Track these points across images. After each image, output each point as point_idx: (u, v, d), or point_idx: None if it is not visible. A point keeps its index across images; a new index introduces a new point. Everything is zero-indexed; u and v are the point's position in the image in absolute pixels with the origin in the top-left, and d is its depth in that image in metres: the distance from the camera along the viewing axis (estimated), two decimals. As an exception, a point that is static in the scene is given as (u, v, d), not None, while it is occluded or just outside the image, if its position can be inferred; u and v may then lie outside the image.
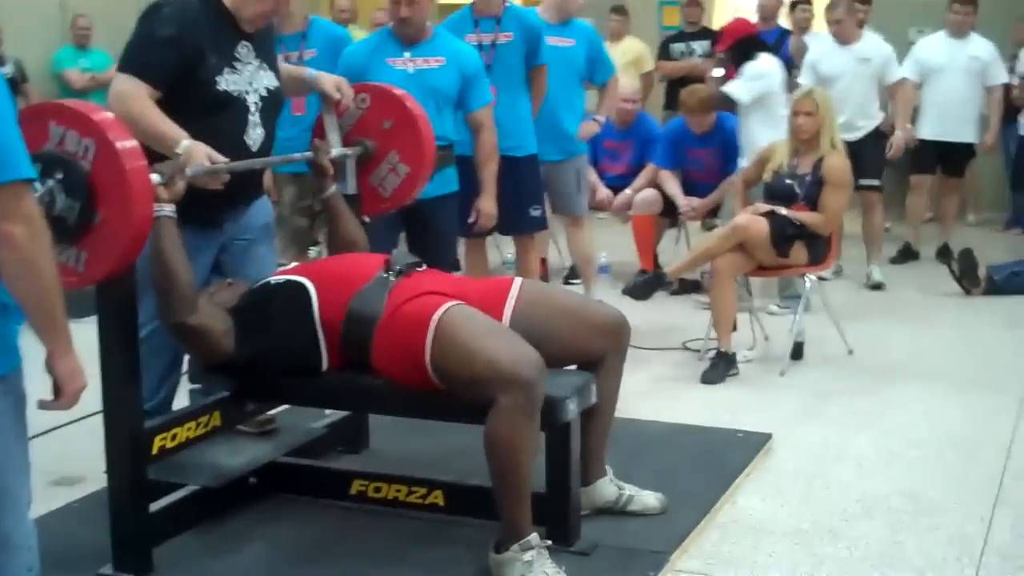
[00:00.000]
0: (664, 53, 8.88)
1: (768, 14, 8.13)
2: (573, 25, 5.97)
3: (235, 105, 3.57)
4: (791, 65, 7.69)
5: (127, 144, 2.89)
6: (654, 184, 6.83)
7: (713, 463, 4.13)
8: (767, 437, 4.39)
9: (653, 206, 6.75)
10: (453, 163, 4.82)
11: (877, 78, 7.21)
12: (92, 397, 2.63)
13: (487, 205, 4.93)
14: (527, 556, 3.13)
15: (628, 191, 6.87)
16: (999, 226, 9.07)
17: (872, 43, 7.22)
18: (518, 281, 3.54)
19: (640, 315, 6.16)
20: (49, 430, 4.40)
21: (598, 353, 3.50)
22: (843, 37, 7.10)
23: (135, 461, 3.23)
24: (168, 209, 3.21)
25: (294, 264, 3.73)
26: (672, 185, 6.64)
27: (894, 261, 7.89)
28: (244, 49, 3.62)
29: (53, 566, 2.89)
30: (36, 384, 2.38)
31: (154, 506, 3.37)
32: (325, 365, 3.39)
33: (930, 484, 4.02)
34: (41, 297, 2.25)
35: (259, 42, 3.69)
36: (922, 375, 5.35)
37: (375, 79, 4.41)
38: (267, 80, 3.70)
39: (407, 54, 4.65)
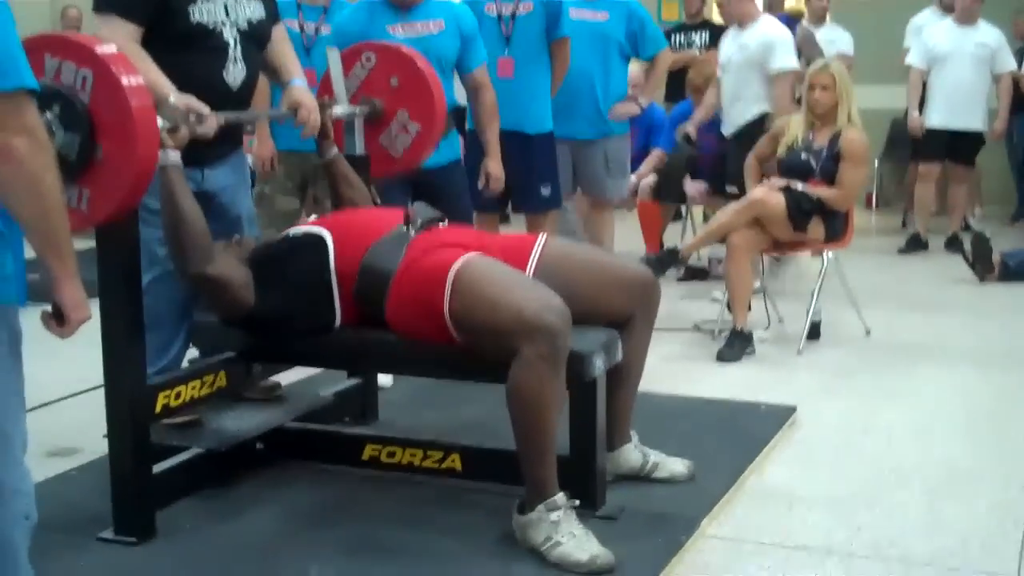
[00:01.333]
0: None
1: (773, 3, 7.98)
2: None
3: (211, 39, 3.35)
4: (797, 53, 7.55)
5: (132, 80, 2.73)
6: (659, 169, 6.68)
7: (737, 435, 3.97)
8: (791, 410, 4.22)
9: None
10: (455, 128, 4.64)
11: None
12: (86, 372, 2.45)
13: (493, 167, 4.72)
14: (554, 516, 2.96)
15: (633, 177, 6.69)
16: (1006, 220, 8.94)
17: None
18: (543, 236, 3.38)
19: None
20: (43, 404, 4.26)
21: (626, 312, 3.34)
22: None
23: (137, 419, 3.05)
24: (175, 156, 3.07)
25: (314, 217, 3.55)
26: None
27: (902, 251, 7.76)
28: None
29: (50, 531, 2.74)
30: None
31: (157, 468, 3.19)
32: (338, 320, 3.24)
33: (965, 454, 3.87)
34: (45, 218, 2.10)
35: None
36: (944, 354, 5.20)
37: None
38: (250, 10, 3.47)
39: (404, 19, 4.43)
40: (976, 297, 6.47)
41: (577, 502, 3.01)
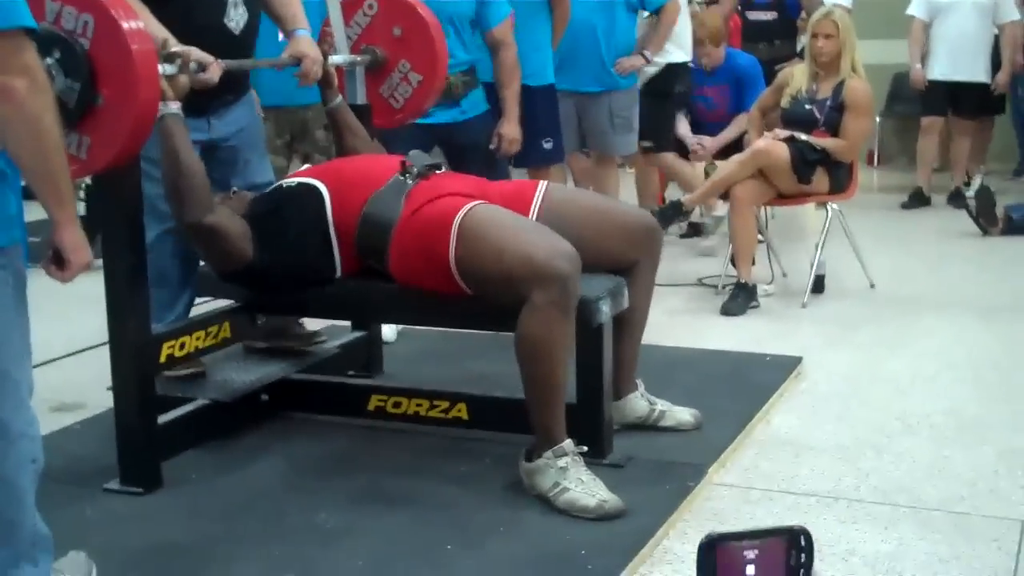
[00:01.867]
0: None
1: None
2: None
3: None
4: (798, 7, 7.52)
5: (132, 24, 2.69)
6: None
7: (744, 384, 3.96)
8: (797, 360, 4.21)
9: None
10: (479, 85, 4.59)
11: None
12: (88, 332, 2.42)
13: (509, 129, 4.60)
14: (561, 463, 2.95)
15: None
16: (1008, 174, 8.88)
17: None
18: (543, 183, 3.35)
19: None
20: (48, 361, 4.25)
21: (629, 258, 3.31)
22: None
23: (142, 369, 3.03)
24: (175, 106, 3.04)
25: (307, 166, 3.52)
26: (680, 124, 6.41)
27: (905, 206, 7.71)
28: None
29: (56, 482, 2.75)
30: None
31: (162, 419, 3.18)
32: (339, 271, 3.21)
33: (972, 402, 3.86)
34: (45, 160, 2.08)
35: None
36: (949, 305, 5.17)
37: None
38: None
39: None
40: (980, 250, 6.44)
41: (585, 448, 3.00)
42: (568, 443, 2.97)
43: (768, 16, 7.50)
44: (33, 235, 2.25)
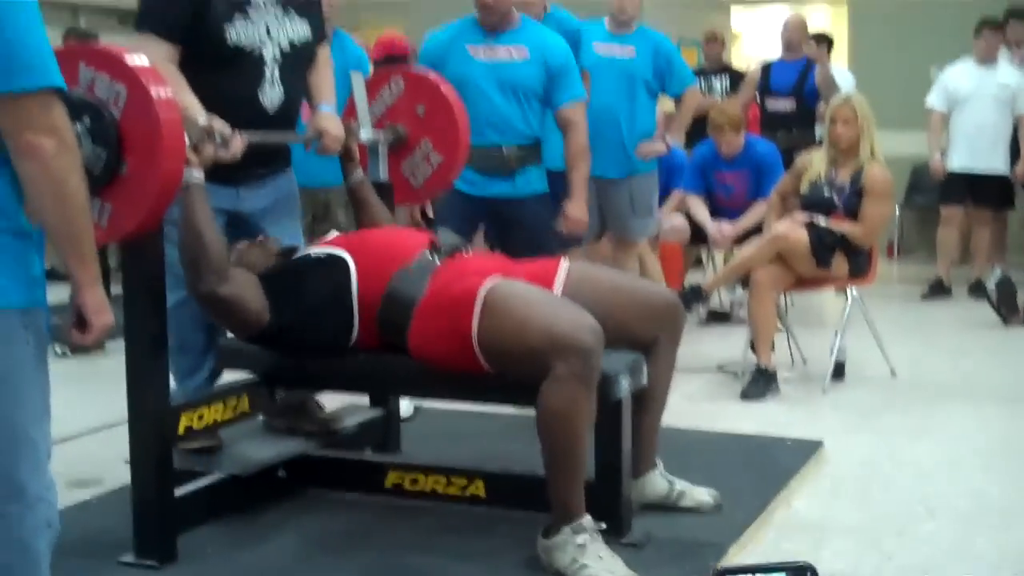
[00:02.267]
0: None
1: (792, 45, 7.98)
2: (638, 34, 5.73)
3: (247, 60, 3.32)
4: (816, 95, 7.59)
5: (162, 93, 2.73)
6: (681, 211, 6.65)
7: (764, 467, 3.93)
8: (818, 444, 4.18)
9: (681, 234, 6.56)
10: (539, 163, 4.53)
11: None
12: (109, 411, 2.43)
13: (574, 210, 4.49)
14: (580, 539, 2.92)
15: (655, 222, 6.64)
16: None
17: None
18: (565, 261, 3.37)
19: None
20: (68, 438, 4.25)
21: (651, 336, 3.30)
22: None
23: (160, 438, 3.02)
24: (198, 175, 3.07)
25: (333, 234, 3.53)
26: (700, 210, 6.44)
27: (925, 297, 7.68)
28: None
29: (70, 556, 2.72)
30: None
31: (179, 492, 3.16)
32: (353, 341, 3.21)
33: (995, 487, 3.83)
34: (69, 220, 2.09)
35: None
36: (971, 394, 5.14)
37: (452, 68, 4.26)
38: (292, 31, 3.43)
39: (488, 42, 4.38)
40: (1002, 340, 6.40)
41: (603, 525, 2.97)
42: (587, 519, 2.95)
43: (787, 104, 7.56)
44: (54, 314, 2.25)
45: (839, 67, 8.57)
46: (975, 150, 7.53)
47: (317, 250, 3.32)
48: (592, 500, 3.02)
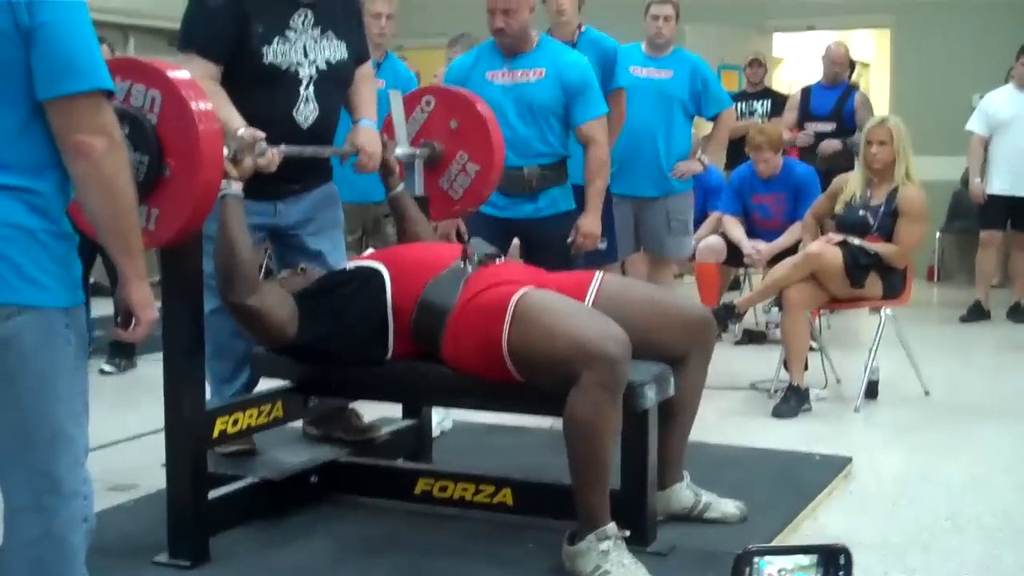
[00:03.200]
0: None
1: (836, 69, 8.02)
2: (675, 56, 5.86)
3: (283, 78, 3.42)
4: (854, 120, 7.64)
5: (195, 94, 2.82)
6: (718, 231, 6.69)
7: (792, 482, 3.94)
8: (847, 460, 4.19)
9: (717, 253, 6.59)
10: (564, 181, 4.57)
11: None
12: (147, 419, 2.49)
13: (587, 223, 4.49)
14: (603, 546, 2.96)
15: (692, 240, 6.70)
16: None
17: None
18: (600, 273, 3.42)
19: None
20: (106, 444, 4.34)
21: (682, 349, 3.34)
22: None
23: (195, 442, 3.10)
24: (236, 187, 3.15)
25: (370, 251, 3.61)
26: (736, 230, 6.47)
27: (964, 320, 7.66)
28: (301, 17, 3.47)
29: (106, 556, 2.79)
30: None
31: (213, 494, 3.23)
32: (390, 354, 3.28)
33: (1023, 504, 3.81)
34: (118, 218, 2.18)
35: (327, 11, 3.53)
36: (1005, 414, 5.13)
37: (472, 92, 4.33)
38: (330, 52, 3.53)
39: (507, 66, 4.45)
40: (1039, 362, 6.39)
41: (627, 532, 3.01)
42: (611, 526, 2.99)
43: (827, 127, 7.62)
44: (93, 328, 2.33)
45: None
46: (1016, 174, 7.53)
47: (352, 264, 3.40)
48: (617, 509, 3.06)
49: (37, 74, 2.08)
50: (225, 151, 3.01)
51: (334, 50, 3.56)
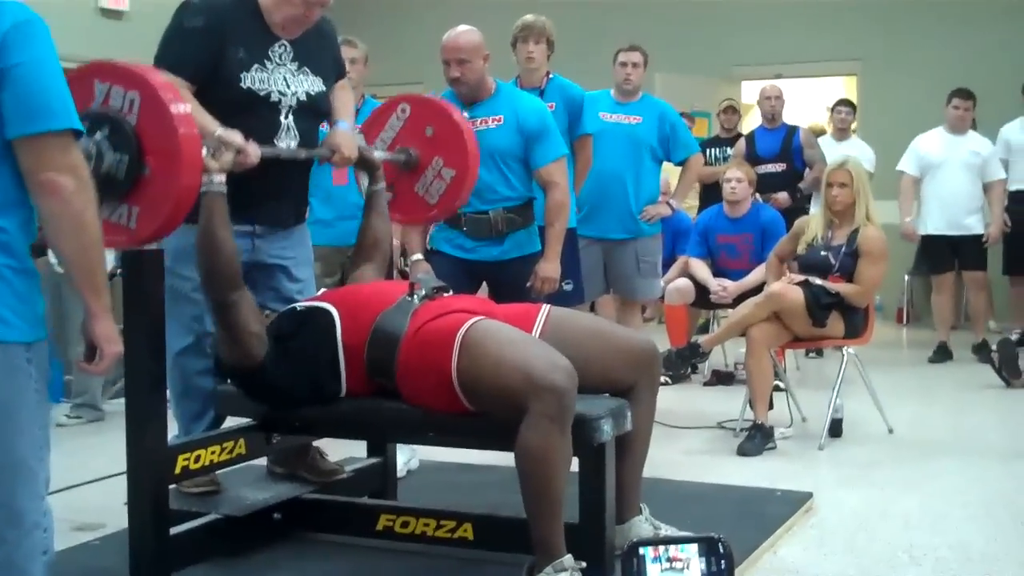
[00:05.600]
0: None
1: (771, 104, 8.16)
2: (643, 102, 5.99)
3: (263, 106, 3.47)
4: (803, 159, 7.83)
5: (172, 96, 2.92)
6: (685, 274, 6.77)
7: (752, 517, 3.99)
8: (808, 496, 4.24)
9: (685, 295, 6.66)
10: (530, 223, 4.62)
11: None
12: (110, 460, 2.52)
13: (546, 268, 4.51)
14: (561, 578, 2.99)
15: (660, 282, 6.76)
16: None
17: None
18: (546, 306, 3.47)
19: (673, 397, 6.10)
20: (73, 486, 4.35)
21: (629, 381, 3.38)
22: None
23: (156, 478, 3.13)
24: (218, 180, 3.17)
25: (322, 291, 3.66)
26: (702, 271, 6.56)
27: (932, 361, 7.73)
28: (280, 49, 3.53)
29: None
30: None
31: (175, 531, 3.25)
32: (343, 392, 3.31)
33: (981, 538, 3.87)
34: (85, 252, 2.24)
35: (304, 46, 3.59)
36: (967, 450, 5.20)
37: None
38: (308, 85, 3.59)
39: (466, 115, 4.45)
40: (1002, 400, 6.45)
41: (584, 564, 3.04)
42: (568, 558, 3.01)
43: (777, 167, 7.76)
44: (67, 372, 2.36)
45: (859, 142, 8.70)
46: (949, 215, 7.73)
47: (302, 304, 3.44)
48: (576, 542, 3.09)
49: (8, 113, 2.14)
50: (204, 149, 3.08)
51: (311, 84, 3.62)
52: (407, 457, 4.63)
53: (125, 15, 9.51)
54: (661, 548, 0.99)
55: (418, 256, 4.62)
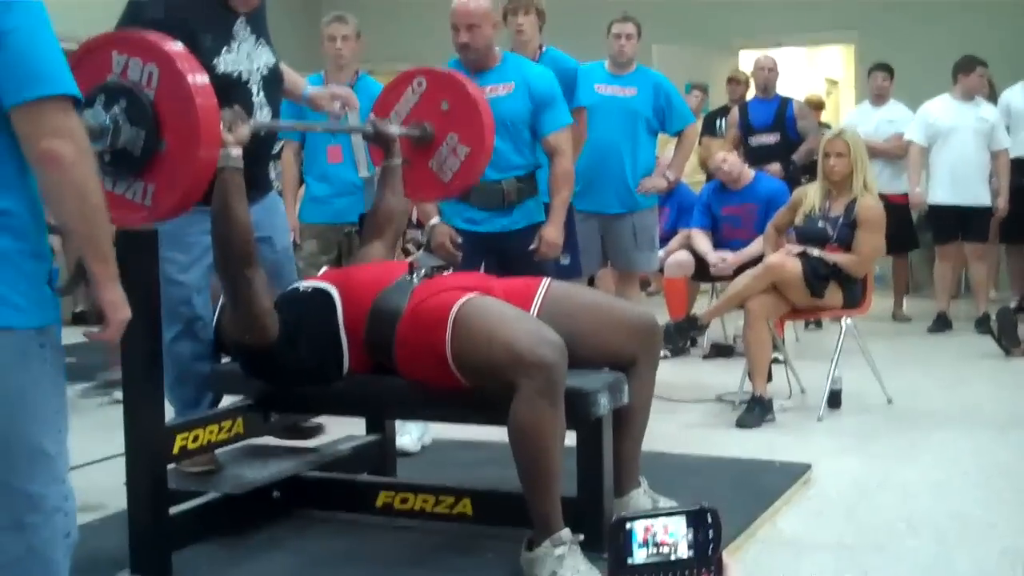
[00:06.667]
0: (708, 130, 8.90)
1: (765, 75, 8.13)
2: (638, 73, 5.95)
3: (238, 87, 3.44)
4: (797, 130, 7.82)
5: (192, 69, 2.83)
6: (686, 247, 6.76)
7: (751, 488, 4.00)
8: (806, 467, 4.25)
9: (685, 268, 6.66)
10: (536, 193, 4.63)
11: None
12: (112, 442, 2.51)
13: (550, 232, 4.51)
14: (558, 551, 3.01)
15: (661, 253, 6.74)
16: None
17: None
18: (546, 280, 3.47)
19: (672, 370, 6.09)
20: (74, 467, 4.34)
21: (628, 355, 3.39)
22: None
23: (155, 458, 3.14)
24: (236, 152, 3.11)
25: (323, 270, 3.66)
26: (703, 242, 6.55)
27: (931, 330, 7.72)
28: (239, 25, 3.49)
29: (69, 572, 2.81)
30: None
31: (174, 510, 3.27)
32: (346, 370, 3.31)
33: (979, 506, 3.89)
34: (89, 221, 2.19)
35: (256, 19, 3.57)
36: (966, 419, 5.21)
37: None
38: (266, 57, 3.58)
39: (477, 82, 4.38)
40: (1001, 370, 6.45)
41: (582, 536, 3.05)
42: (565, 532, 3.03)
43: (771, 139, 7.73)
44: (69, 356, 2.34)
45: (898, 104, 8.55)
46: (959, 184, 7.66)
47: (304, 284, 3.43)
48: (574, 516, 3.11)
49: (3, 81, 2.10)
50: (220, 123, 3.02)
51: (268, 56, 3.61)
52: (421, 432, 4.64)
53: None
54: (649, 533, 0.99)
55: (435, 220, 4.59)
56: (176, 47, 2.85)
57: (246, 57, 3.50)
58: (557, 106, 4.55)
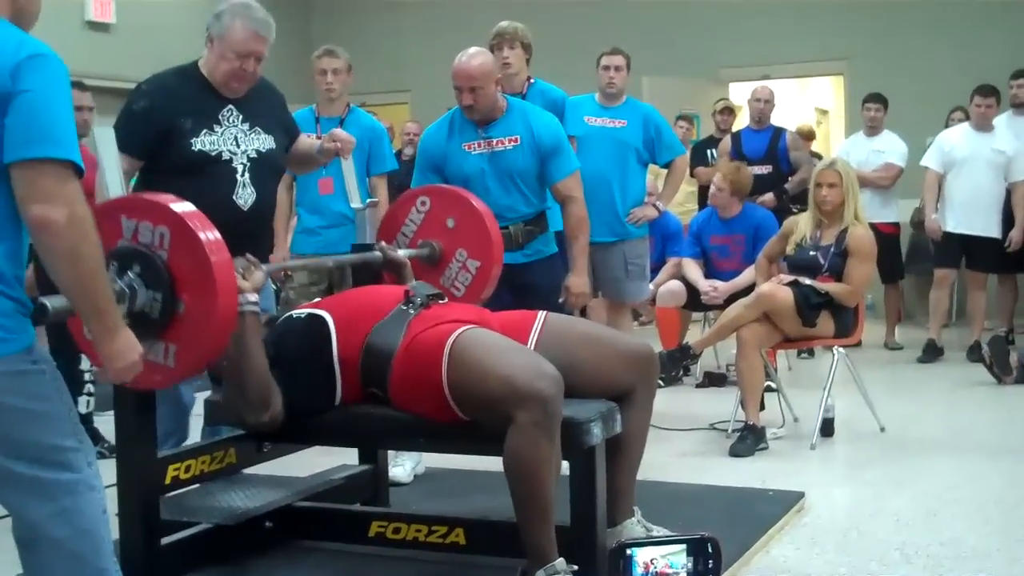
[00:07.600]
0: (698, 159, 8.94)
1: (760, 106, 8.18)
2: (628, 105, 6.00)
3: (216, 165, 3.69)
4: (789, 161, 7.89)
5: (203, 227, 2.79)
6: (677, 276, 6.78)
7: (744, 517, 3.99)
8: (800, 495, 4.25)
9: (677, 297, 6.68)
10: (546, 228, 4.63)
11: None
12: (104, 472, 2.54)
13: (577, 283, 4.56)
14: (553, 582, 2.99)
15: (650, 285, 6.78)
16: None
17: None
18: (543, 313, 3.47)
19: (666, 399, 6.06)
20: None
21: (625, 385, 3.39)
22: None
23: (147, 489, 3.13)
24: (253, 298, 3.11)
25: (318, 299, 3.66)
26: (694, 271, 6.59)
27: (921, 360, 7.71)
28: (228, 112, 3.76)
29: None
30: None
31: (165, 540, 3.26)
32: (338, 400, 3.31)
33: (972, 534, 3.88)
34: (80, 283, 2.23)
35: (251, 107, 3.82)
36: (959, 447, 5.22)
37: (453, 166, 4.42)
38: (258, 142, 3.81)
39: (481, 136, 4.46)
40: (994, 398, 6.46)
41: (575, 567, 3.05)
42: (560, 562, 3.02)
43: (764, 169, 7.76)
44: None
45: (892, 136, 8.51)
46: (970, 213, 7.64)
47: (299, 312, 3.43)
48: (568, 545, 3.10)
49: (8, 138, 2.15)
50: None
51: (262, 142, 3.85)
52: (415, 462, 4.63)
53: (112, 28, 9.54)
54: (651, 566, 0.98)
55: None
56: (186, 207, 2.80)
57: (231, 140, 3.76)
58: (564, 153, 4.55)
